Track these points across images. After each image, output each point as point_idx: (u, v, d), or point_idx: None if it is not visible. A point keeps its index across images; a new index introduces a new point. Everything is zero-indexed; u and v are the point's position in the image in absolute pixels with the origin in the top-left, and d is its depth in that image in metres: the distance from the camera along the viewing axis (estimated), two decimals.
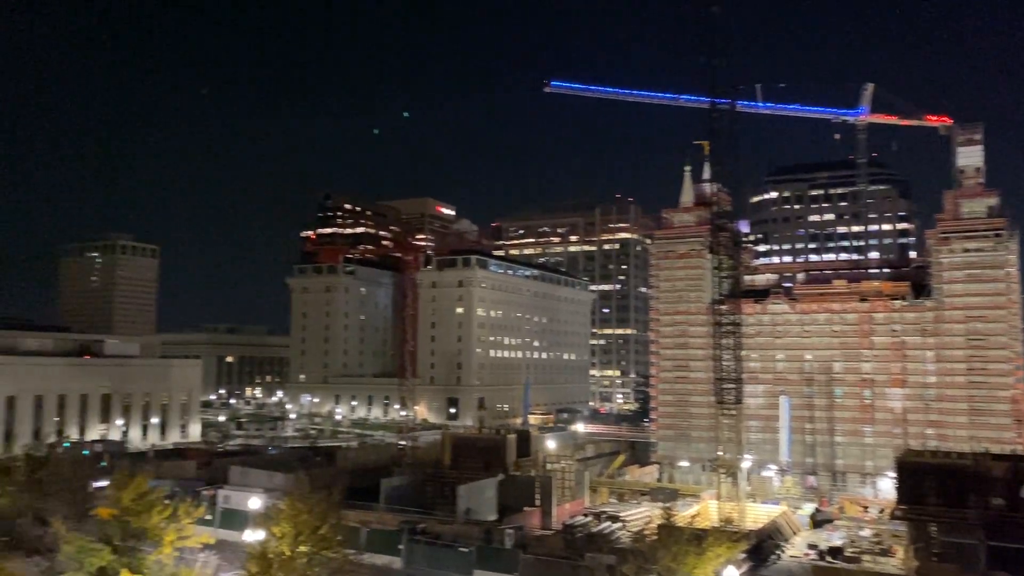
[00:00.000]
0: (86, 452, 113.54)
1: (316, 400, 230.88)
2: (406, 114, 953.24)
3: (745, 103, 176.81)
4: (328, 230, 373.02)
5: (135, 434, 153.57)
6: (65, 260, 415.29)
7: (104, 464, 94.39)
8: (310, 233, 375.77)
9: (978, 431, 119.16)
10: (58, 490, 59.56)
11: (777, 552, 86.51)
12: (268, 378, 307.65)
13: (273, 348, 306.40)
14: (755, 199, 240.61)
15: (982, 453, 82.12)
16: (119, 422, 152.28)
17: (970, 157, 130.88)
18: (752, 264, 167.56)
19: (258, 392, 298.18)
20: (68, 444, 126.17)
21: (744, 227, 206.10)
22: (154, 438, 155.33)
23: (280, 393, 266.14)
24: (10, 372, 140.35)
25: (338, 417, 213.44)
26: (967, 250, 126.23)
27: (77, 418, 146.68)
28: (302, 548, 51.98)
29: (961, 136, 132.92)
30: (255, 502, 71.06)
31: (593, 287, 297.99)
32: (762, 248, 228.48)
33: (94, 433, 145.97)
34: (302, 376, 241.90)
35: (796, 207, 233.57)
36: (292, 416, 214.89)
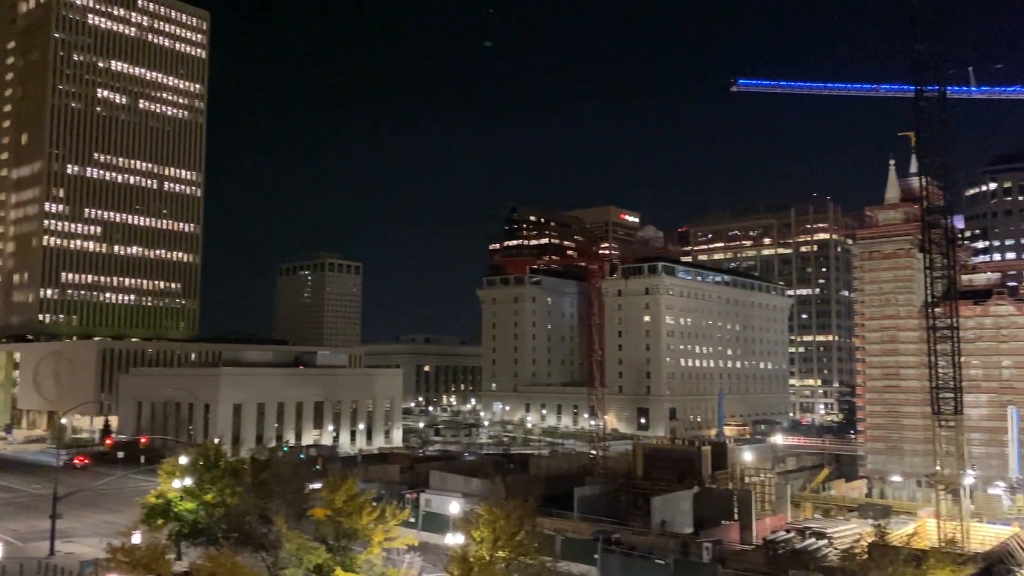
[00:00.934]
0: (302, 456, 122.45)
1: (507, 408, 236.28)
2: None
3: (956, 88, 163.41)
4: (514, 242, 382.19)
5: (344, 439, 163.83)
6: (281, 278, 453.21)
7: (318, 467, 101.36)
8: (497, 245, 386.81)
9: None
10: (279, 491, 64.09)
11: None
12: (462, 386, 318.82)
13: (466, 357, 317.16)
14: (971, 191, 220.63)
15: None
16: (330, 428, 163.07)
17: None
18: (969, 263, 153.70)
19: (453, 400, 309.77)
20: (286, 448, 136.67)
21: (959, 222, 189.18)
22: (361, 443, 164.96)
23: (473, 401, 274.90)
24: (237, 382, 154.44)
25: (529, 425, 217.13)
26: None
27: (294, 424, 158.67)
28: (501, 553, 53.01)
29: None
30: (455, 506, 73.41)
31: (790, 292, 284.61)
32: (980, 245, 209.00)
33: (308, 438, 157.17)
34: (493, 384, 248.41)
35: (1020, 198, 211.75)
36: (485, 423, 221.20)
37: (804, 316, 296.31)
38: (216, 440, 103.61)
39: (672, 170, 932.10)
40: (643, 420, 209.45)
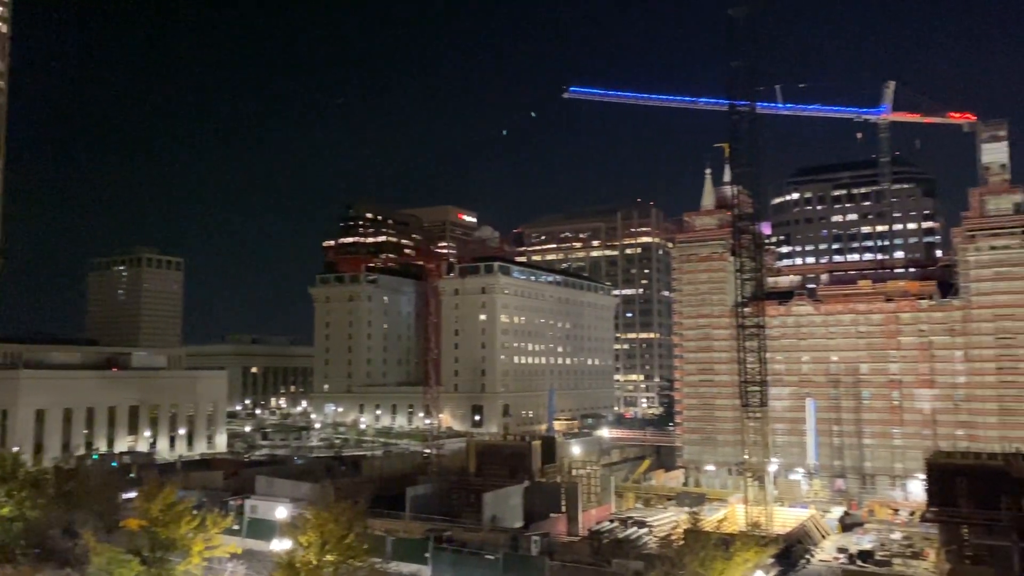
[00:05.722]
0: (115, 464, 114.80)
1: (340, 409, 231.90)
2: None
3: (765, 104, 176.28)
4: (350, 239, 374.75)
5: (163, 445, 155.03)
6: (92, 274, 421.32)
7: (133, 476, 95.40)
8: (332, 242, 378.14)
9: (1009, 431, 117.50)
10: (88, 502, 60.14)
11: (806, 556, 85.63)
12: (292, 388, 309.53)
13: (297, 358, 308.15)
14: (777, 200, 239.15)
15: (1013, 454, 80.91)
16: (147, 434, 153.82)
17: (995, 154, 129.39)
18: (775, 266, 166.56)
19: (283, 402, 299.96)
20: (96, 456, 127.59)
21: (766, 229, 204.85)
22: (181, 449, 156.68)
23: (304, 403, 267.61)
24: (39, 386, 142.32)
25: (362, 426, 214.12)
26: (994, 248, 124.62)
27: (106, 430, 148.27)
28: (329, 557, 52.19)
29: (985, 133, 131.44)
30: (281, 512, 71.45)
31: (616, 292, 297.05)
32: (785, 250, 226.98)
33: (123, 445, 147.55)
34: (326, 386, 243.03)
35: (819, 208, 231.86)
36: (317, 426, 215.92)
37: (629, 315, 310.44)
38: (14, 449, 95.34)
39: (511, 173, 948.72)
40: (477, 417, 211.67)
